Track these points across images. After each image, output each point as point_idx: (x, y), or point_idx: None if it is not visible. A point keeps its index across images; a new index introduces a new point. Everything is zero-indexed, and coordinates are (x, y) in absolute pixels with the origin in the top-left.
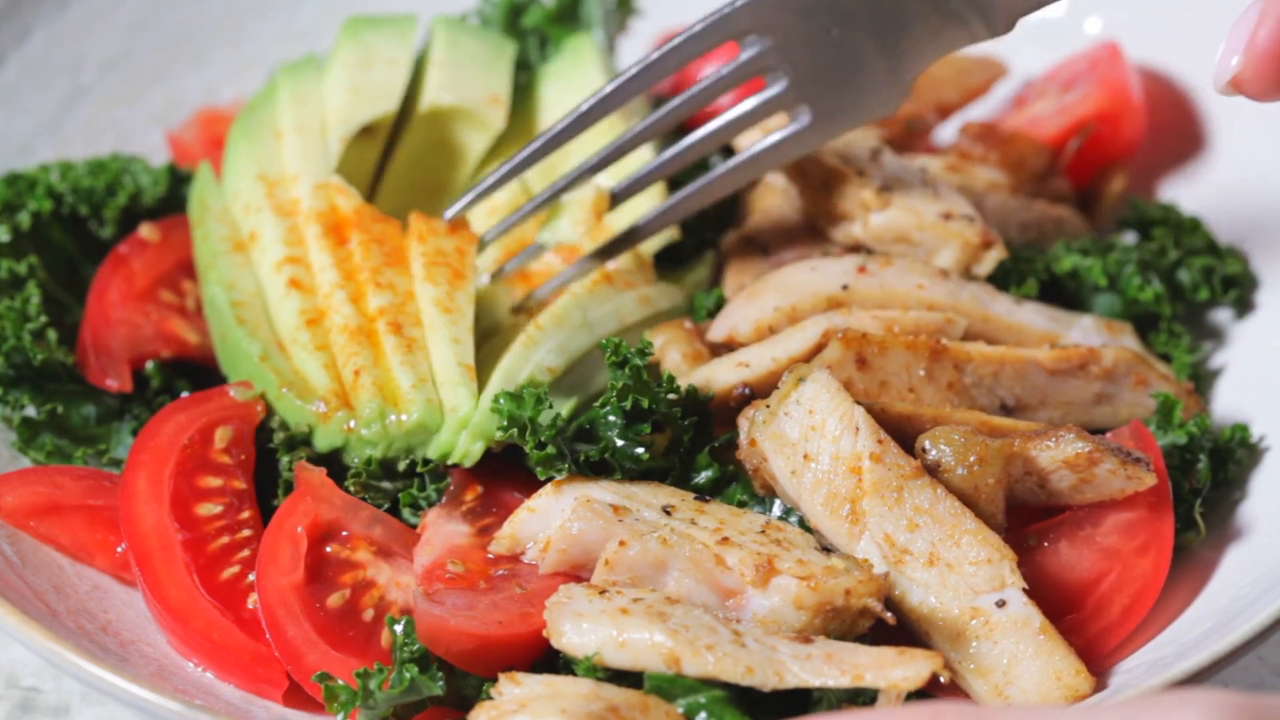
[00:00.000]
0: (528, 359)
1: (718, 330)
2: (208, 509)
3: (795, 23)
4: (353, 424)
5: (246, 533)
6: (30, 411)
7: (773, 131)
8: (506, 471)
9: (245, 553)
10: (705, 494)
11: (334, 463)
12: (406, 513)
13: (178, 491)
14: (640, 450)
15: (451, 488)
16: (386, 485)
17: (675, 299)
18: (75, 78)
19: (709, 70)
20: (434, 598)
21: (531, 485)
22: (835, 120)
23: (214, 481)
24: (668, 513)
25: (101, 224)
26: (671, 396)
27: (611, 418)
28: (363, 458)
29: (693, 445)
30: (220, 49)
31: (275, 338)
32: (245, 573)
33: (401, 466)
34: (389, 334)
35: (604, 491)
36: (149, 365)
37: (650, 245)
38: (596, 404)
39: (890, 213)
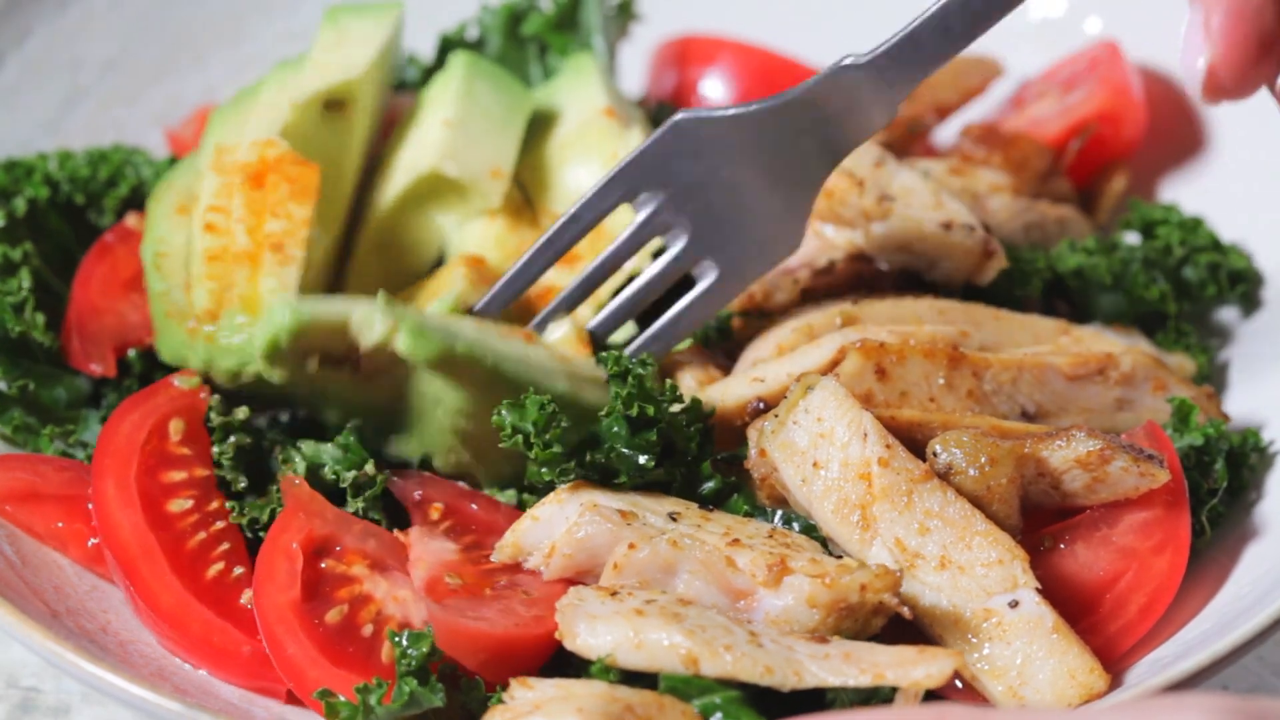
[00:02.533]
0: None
1: (741, 368)
2: (179, 504)
3: (685, 170)
4: (210, 329)
5: (220, 524)
6: (1, 385)
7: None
8: (459, 489)
9: (225, 546)
10: (709, 504)
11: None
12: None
13: (146, 492)
14: (645, 458)
15: (413, 508)
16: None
17: (599, 395)
18: (75, 78)
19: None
20: (445, 605)
21: (490, 500)
22: (743, 271)
23: (178, 475)
24: (674, 519)
25: (100, 214)
26: (675, 408)
27: (615, 428)
28: (221, 370)
29: (696, 456)
30: (220, 49)
31: (186, 281)
32: (230, 568)
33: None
34: (268, 252)
35: (609, 498)
36: (131, 352)
37: None
38: (601, 414)
39: (891, 222)
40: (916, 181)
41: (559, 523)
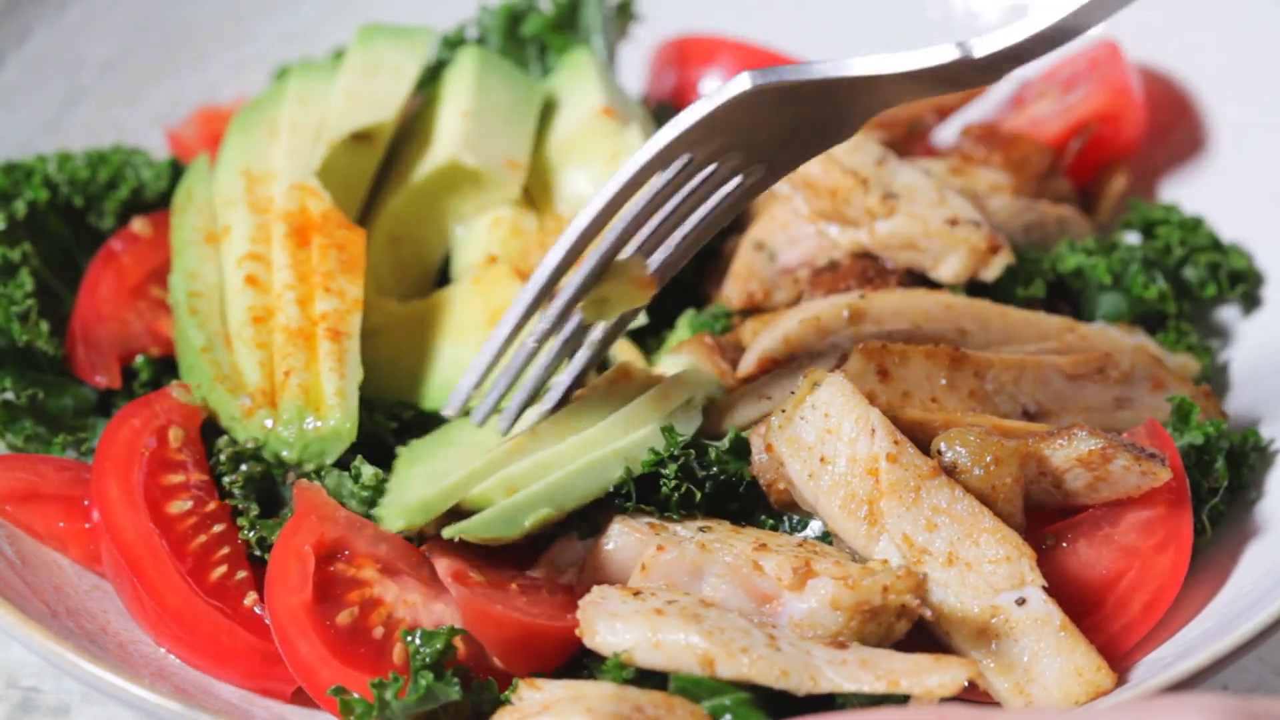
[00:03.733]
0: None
1: (748, 362)
2: (178, 506)
3: (745, 120)
4: (270, 423)
5: (219, 527)
6: (10, 395)
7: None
8: None
9: (226, 550)
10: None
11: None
12: None
13: (147, 494)
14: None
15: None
16: None
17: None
18: (75, 78)
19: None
20: (473, 590)
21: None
22: (789, 164)
23: (177, 478)
24: (704, 532)
25: (100, 217)
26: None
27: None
28: (277, 458)
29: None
30: (220, 49)
31: (224, 331)
32: (233, 571)
33: (309, 469)
34: (326, 339)
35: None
36: (138, 359)
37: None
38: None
39: (896, 220)
40: (920, 179)
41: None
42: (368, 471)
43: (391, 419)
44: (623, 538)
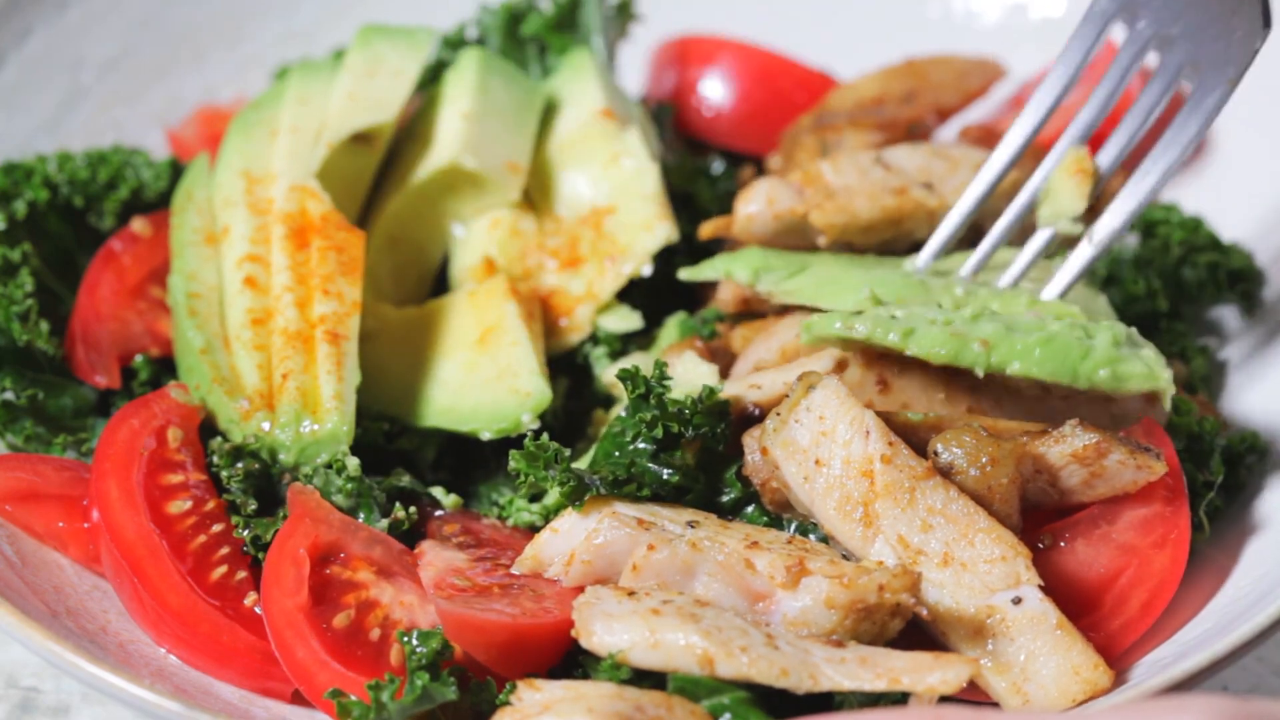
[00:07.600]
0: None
1: (741, 369)
2: (178, 506)
3: None
4: (268, 426)
5: (219, 527)
6: (10, 395)
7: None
8: (477, 514)
9: (225, 550)
10: (726, 514)
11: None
12: None
13: (147, 494)
14: (669, 472)
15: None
16: None
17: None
18: (75, 78)
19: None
20: (453, 600)
21: (508, 527)
22: (1225, 69)
23: (176, 478)
24: (692, 527)
25: (100, 217)
26: (698, 419)
27: (642, 445)
28: (274, 460)
29: (720, 462)
30: (220, 49)
31: (223, 333)
32: (233, 571)
33: (309, 471)
34: (324, 342)
35: (629, 508)
36: (138, 359)
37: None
38: (623, 437)
39: None
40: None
41: (579, 534)
42: (352, 463)
43: (384, 420)
44: (612, 531)
